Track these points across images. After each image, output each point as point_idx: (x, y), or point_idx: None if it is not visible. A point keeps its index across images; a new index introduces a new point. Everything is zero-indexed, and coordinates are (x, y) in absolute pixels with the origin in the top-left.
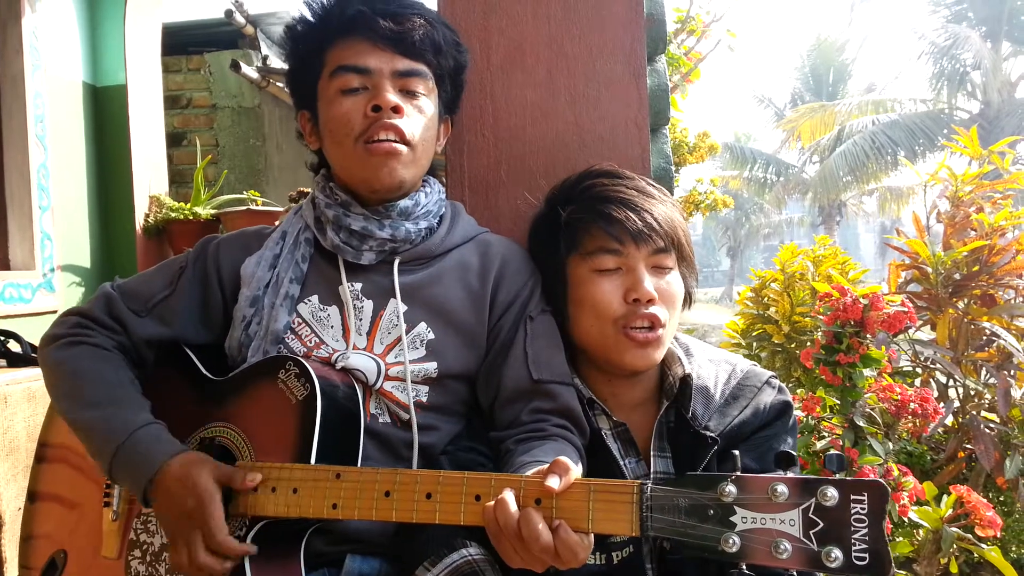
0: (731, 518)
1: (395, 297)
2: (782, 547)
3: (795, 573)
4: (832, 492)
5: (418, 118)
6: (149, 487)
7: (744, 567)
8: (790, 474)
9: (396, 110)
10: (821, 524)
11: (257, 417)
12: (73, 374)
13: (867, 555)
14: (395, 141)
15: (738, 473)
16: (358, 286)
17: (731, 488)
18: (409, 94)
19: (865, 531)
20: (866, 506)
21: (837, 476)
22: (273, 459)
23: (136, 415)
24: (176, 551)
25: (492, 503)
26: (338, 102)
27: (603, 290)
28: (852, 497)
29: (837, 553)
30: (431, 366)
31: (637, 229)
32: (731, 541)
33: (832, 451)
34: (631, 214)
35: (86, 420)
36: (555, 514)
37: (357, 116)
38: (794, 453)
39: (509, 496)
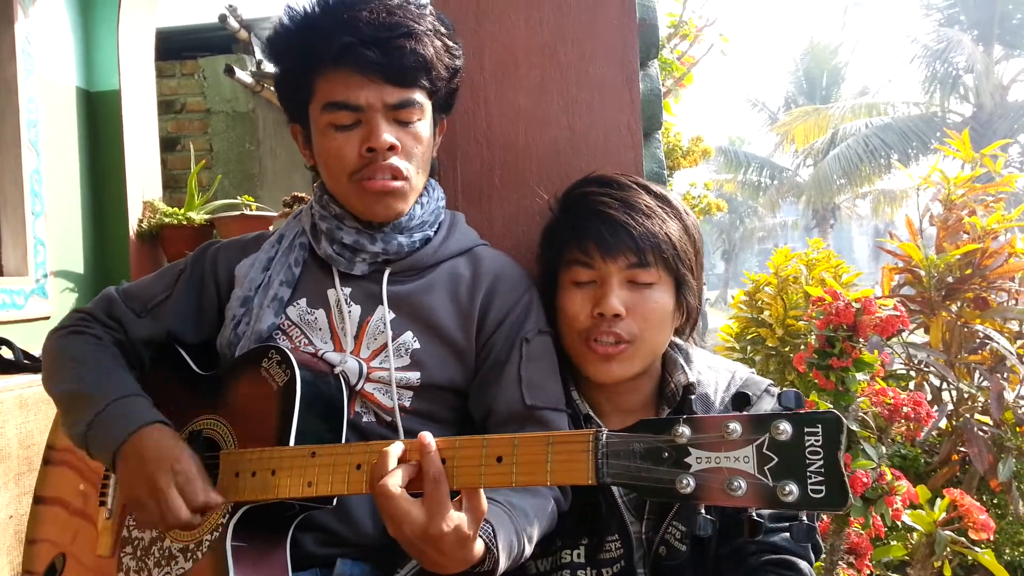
0: (686, 459)
1: (382, 304)
2: (735, 484)
3: (754, 512)
4: (785, 426)
5: (414, 147)
6: (124, 443)
7: (703, 509)
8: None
9: (392, 148)
10: (776, 459)
11: (241, 407)
12: (68, 357)
13: (823, 487)
14: (391, 179)
15: (692, 415)
16: (347, 291)
17: (684, 429)
18: (403, 123)
19: (820, 464)
20: (820, 438)
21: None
22: (256, 446)
23: (122, 388)
24: (153, 505)
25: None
26: (330, 136)
27: (573, 302)
28: (806, 430)
29: (792, 487)
30: (414, 376)
31: (607, 244)
32: (685, 482)
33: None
34: (603, 228)
35: (66, 392)
36: (516, 469)
37: (351, 154)
38: (749, 393)
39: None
